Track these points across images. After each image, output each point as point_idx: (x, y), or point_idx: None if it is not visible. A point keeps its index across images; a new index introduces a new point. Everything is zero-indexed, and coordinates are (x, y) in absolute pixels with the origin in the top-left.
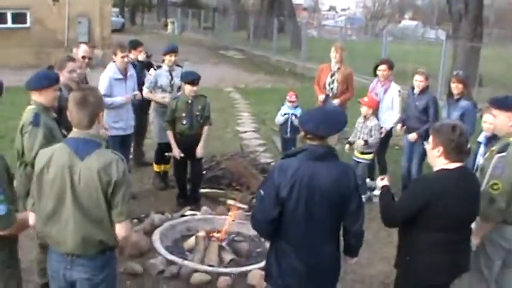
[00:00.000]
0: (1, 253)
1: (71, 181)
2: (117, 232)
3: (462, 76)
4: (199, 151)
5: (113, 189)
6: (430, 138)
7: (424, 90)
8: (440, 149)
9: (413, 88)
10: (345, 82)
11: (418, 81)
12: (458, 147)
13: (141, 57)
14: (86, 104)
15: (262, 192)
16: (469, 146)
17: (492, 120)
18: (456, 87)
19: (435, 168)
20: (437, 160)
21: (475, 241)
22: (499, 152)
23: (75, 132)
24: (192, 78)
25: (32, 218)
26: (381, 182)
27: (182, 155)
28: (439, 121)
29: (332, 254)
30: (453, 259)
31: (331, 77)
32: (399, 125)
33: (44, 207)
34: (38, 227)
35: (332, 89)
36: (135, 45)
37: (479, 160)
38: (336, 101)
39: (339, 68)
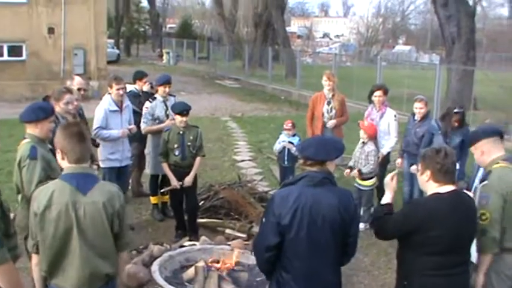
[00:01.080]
0: None
1: (76, 217)
2: (125, 260)
3: (459, 108)
4: (188, 180)
5: (117, 218)
6: (419, 165)
7: (424, 117)
8: (428, 172)
9: (414, 115)
10: (341, 107)
11: (419, 109)
12: (444, 169)
13: (146, 88)
14: (85, 138)
15: (264, 219)
16: (457, 166)
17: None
18: (456, 121)
19: (428, 193)
20: (428, 184)
21: (479, 280)
22: (482, 181)
23: (71, 168)
24: (181, 109)
25: (33, 258)
26: (386, 198)
27: (181, 183)
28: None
29: (336, 284)
30: (450, 283)
31: (328, 104)
32: (399, 160)
33: (49, 247)
34: (43, 268)
35: (331, 117)
36: (140, 76)
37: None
38: (331, 122)
39: (333, 95)
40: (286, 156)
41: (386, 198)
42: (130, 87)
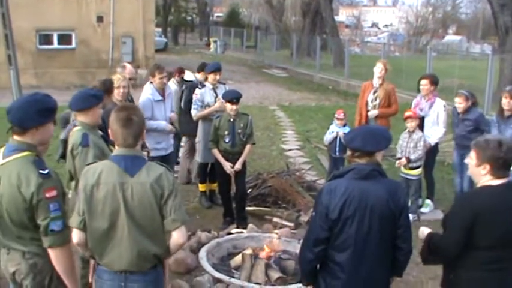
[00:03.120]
0: (53, 268)
1: (123, 198)
2: (175, 239)
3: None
4: (238, 166)
5: (166, 199)
6: (473, 154)
7: (468, 110)
8: (487, 166)
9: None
10: (387, 98)
11: (458, 103)
12: (506, 164)
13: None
14: (131, 124)
15: (313, 213)
16: None
17: None
18: (508, 103)
19: (479, 185)
20: (483, 177)
21: None
22: None
23: (120, 150)
24: (231, 97)
25: (75, 235)
26: (425, 229)
27: (234, 168)
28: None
29: (385, 280)
30: (500, 278)
31: (374, 93)
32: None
33: (96, 225)
34: (90, 246)
35: (375, 106)
36: (203, 67)
37: None
38: (372, 112)
39: (380, 84)
40: (338, 146)
41: (426, 230)
42: (191, 77)
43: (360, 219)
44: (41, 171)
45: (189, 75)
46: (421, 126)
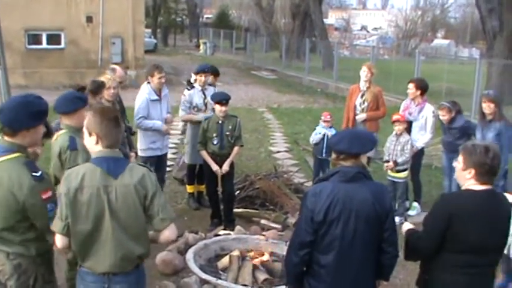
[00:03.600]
0: (41, 268)
1: (108, 201)
2: (166, 236)
3: (493, 95)
4: (225, 167)
5: (150, 200)
6: (460, 158)
7: (453, 119)
8: (472, 171)
9: None
10: (375, 100)
11: (441, 116)
12: (491, 171)
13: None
14: (119, 124)
15: (299, 216)
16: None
17: None
18: (488, 107)
19: (462, 187)
20: (467, 181)
21: None
22: None
23: (103, 152)
24: (220, 98)
25: (59, 240)
26: (407, 225)
27: (222, 170)
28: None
29: (370, 283)
30: (471, 282)
31: (362, 97)
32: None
33: (80, 229)
34: (74, 249)
35: (363, 109)
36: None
37: None
38: (361, 116)
39: (368, 87)
40: (325, 148)
41: (408, 226)
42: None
43: (345, 222)
44: (34, 174)
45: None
46: (408, 130)
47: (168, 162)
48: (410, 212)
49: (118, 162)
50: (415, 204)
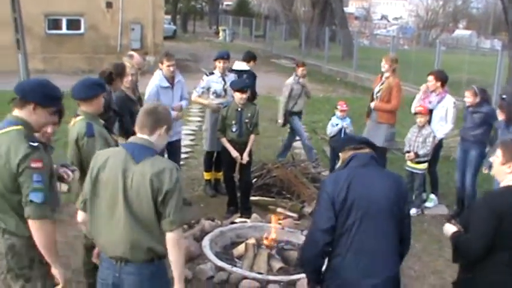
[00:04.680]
0: (37, 251)
1: (123, 184)
2: (169, 240)
3: (504, 103)
4: (245, 157)
5: (164, 197)
6: (499, 152)
7: (480, 104)
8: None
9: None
10: (388, 92)
11: (466, 97)
12: None
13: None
14: (153, 112)
15: (317, 206)
16: None
17: None
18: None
19: (502, 183)
20: (507, 176)
21: None
22: None
23: (134, 138)
24: (240, 86)
25: (80, 215)
26: (451, 227)
27: (242, 160)
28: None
29: (395, 269)
30: None
31: (380, 86)
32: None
33: (97, 206)
34: (89, 227)
35: (377, 98)
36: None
37: None
38: (372, 104)
39: (387, 78)
40: (342, 138)
41: (451, 228)
42: (242, 66)
43: (367, 206)
44: (30, 143)
45: (239, 65)
46: (429, 121)
47: (185, 149)
48: (427, 204)
49: (143, 150)
50: (432, 196)
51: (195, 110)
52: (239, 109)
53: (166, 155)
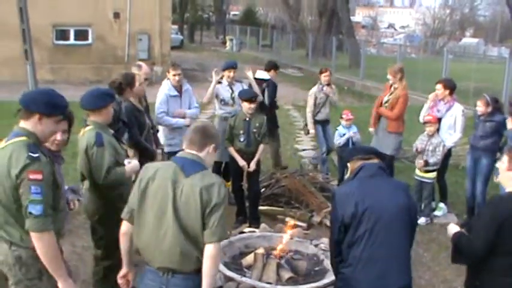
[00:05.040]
0: (42, 264)
1: (173, 195)
2: (205, 251)
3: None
4: (252, 166)
5: (211, 209)
6: (505, 158)
7: (492, 113)
8: None
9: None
10: (395, 101)
11: (478, 106)
12: None
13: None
14: (202, 130)
15: (331, 216)
16: None
17: None
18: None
19: (508, 189)
20: None
21: None
22: None
23: (184, 153)
24: (249, 96)
25: (124, 226)
26: (454, 227)
27: (249, 169)
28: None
29: (407, 279)
30: None
31: (389, 95)
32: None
33: (145, 217)
34: (138, 240)
35: (386, 107)
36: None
37: None
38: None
39: (396, 88)
40: (350, 148)
41: (455, 228)
42: (264, 75)
43: (377, 216)
44: (30, 154)
45: (260, 74)
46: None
47: None
48: (436, 213)
49: (194, 164)
50: (441, 205)
51: (203, 119)
52: (247, 119)
53: None
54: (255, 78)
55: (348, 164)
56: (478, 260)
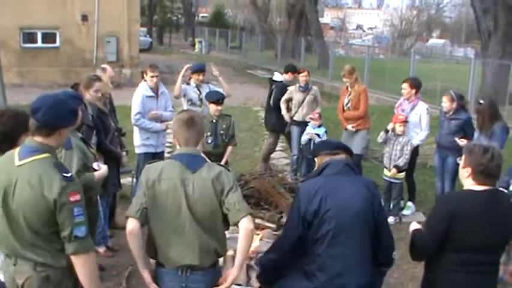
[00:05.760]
0: (69, 281)
1: (185, 193)
2: (245, 226)
3: (480, 106)
4: None
5: (226, 195)
6: (463, 156)
7: (457, 111)
8: (469, 170)
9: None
10: (357, 99)
11: (443, 103)
12: (486, 171)
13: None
14: (193, 124)
15: (291, 210)
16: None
17: None
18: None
19: (464, 187)
20: (466, 180)
21: None
22: None
23: (182, 150)
24: (215, 98)
25: (130, 223)
26: (414, 225)
27: None
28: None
29: (367, 279)
30: (474, 280)
31: (348, 96)
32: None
33: (158, 219)
34: (155, 242)
35: (349, 108)
36: (293, 69)
37: None
38: (345, 114)
39: (352, 87)
40: (312, 147)
41: (415, 226)
42: (280, 77)
43: (339, 214)
44: (64, 174)
45: (277, 76)
46: None
47: None
48: (404, 212)
49: (196, 158)
50: (410, 203)
51: (172, 122)
52: (214, 120)
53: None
54: (273, 81)
55: (315, 159)
56: (430, 255)
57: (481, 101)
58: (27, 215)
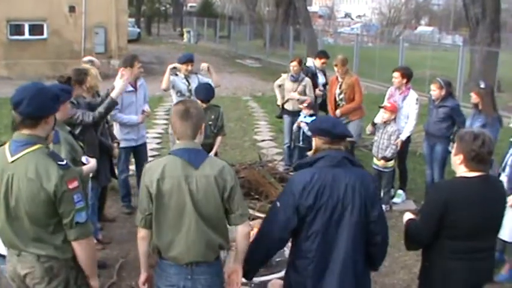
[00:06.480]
0: (73, 271)
1: (189, 191)
2: (242, 231)
3: (478, 87)
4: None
5: (229, 193)
6: (455, 144)
7: (445, 98)
8: (461, 156)
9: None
10: (351, 90)
11: (432, 90)
12: (478, 157)
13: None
14: (188, 117)
15: (278, 204)
16: (492, 157)
17: None
18: (473, 97)
19: (456, 175)
20: (458, 167)
21: None
22: None
23: (181, 144)
24: (202, 98)
25: (141, 232)
26: (408, 215)
27: None
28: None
29: (362, 273)
30: (471, 267)
31: (339, 88)
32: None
33: (164, 218)
34: (158, 240)
35: (342, 100)
36: (323, 55)
37: (509, 160)
38: (337, 112)
39: (343, 78)
40: (302, 136)
41: (408, 216)
42: (310, 63)
43: (333, 208)
44: (59, 163)
45: (310, 62)
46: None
47: (152, 153)
48: (395, 200)
49: (198, 153)
50: (400, 191)
51: (161, 113)
52: None
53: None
54: (306, 66)
55: (313, 139)
56: (426, 244)
57: (482, 85)
58: (29, 208)
